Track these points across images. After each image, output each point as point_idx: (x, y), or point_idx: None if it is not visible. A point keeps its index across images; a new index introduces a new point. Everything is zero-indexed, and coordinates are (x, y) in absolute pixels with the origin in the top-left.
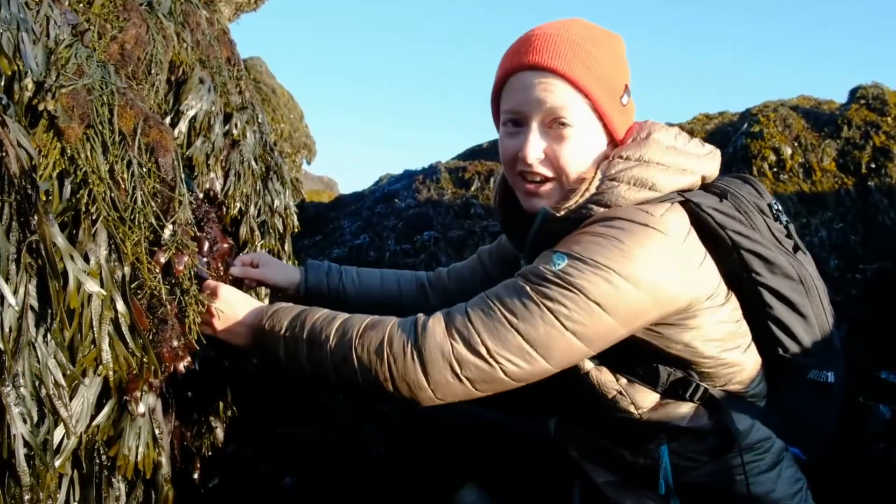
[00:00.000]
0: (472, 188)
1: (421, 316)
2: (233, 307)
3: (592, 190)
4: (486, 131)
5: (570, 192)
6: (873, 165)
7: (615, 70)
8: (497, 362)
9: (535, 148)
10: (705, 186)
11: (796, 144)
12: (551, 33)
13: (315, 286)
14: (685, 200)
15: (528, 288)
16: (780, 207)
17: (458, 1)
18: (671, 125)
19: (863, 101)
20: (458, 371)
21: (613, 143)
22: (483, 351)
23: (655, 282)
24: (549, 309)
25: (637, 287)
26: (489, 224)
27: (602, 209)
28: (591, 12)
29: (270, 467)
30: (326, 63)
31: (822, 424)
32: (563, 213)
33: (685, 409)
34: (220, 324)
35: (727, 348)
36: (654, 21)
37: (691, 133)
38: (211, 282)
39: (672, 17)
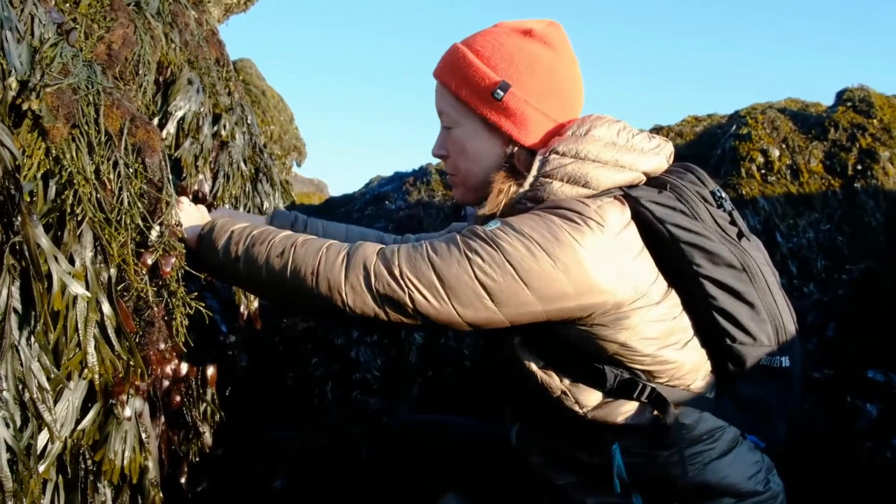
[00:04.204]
0: None
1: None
2: (189, 215)
3: (526, 187)
4: None
5: (480, 187)
6: (859, 167)
7: (486, 65)
8: (407, 287)
9: (435, 145)
10: (649, 180)
11: (784, 146)
12: (451, 46)
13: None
14: (625, 195)
15: (458, 238)
16: (723, 195)
17: (447, 3)
18: (660, 127)
19: (849, 104)
20: (372, 281)
21: (510, 139)
22: (397, 272)
23: (578, 266)
24: (466, 256)
25: (556, 264)
26: None
27: (536, 204)
28: (583, 12)
29: (260, 470)
30: (316, 65)
31: (783, 408)
32: (490, 210)
33: (628, 406)
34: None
35: (664, 345)
36: (648, 22)
37: (680, 135)
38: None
39: (667, 18)
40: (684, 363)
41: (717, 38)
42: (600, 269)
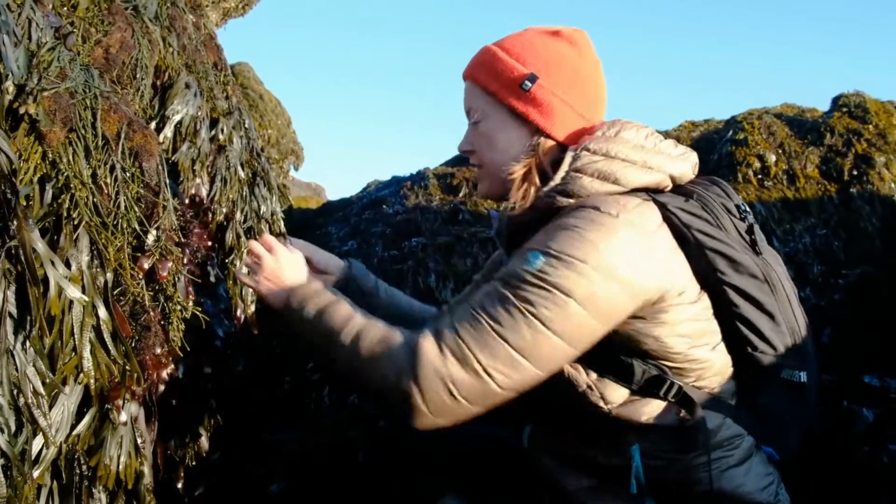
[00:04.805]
0: (461, 194)
1: (416, 337)
2: (281, 268)
3: (557, 181)
4: None
5: (502, 175)
6: (855, 172)
7: (516, 60)
8: (490, 376)
9: (462, 141)
10: (675, 189)
11: (780, 151)
12: (485, 45)
13: (357, 279)
14: (651, 199)
15: (509, 294)
16: (747, 209)
17: (444, 5)
18: (660, 132)
19: (845, 109)
20: (455, 392)
21: (537, 129)
22: (477, 366)
23: (627, 272)
24: (531, 313)
25: (608, 278)
26: (477, 230)
27: (566, 199)
28: (578, 13)
29: (257, 474)
30: (314, 69)
31: (797, 422)
32: (519, 205)
33: (655, 404)
34: (263, 282)
35: (696, 345)
36: (643, 25)
37: (677, 140)
38: (269, 237)
39: (662, 22)
40: (713, 364)
41: (712, 42)
42: (644, 270)
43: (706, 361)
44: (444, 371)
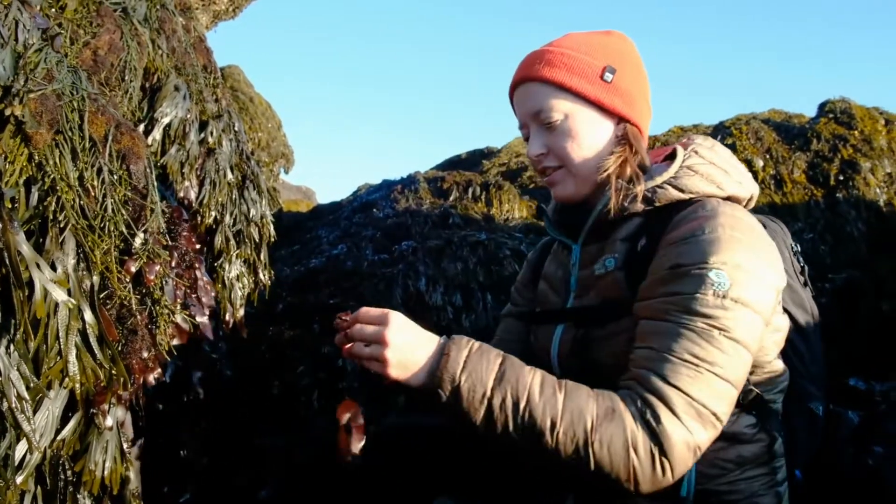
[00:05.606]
0: (451, 198)
1: (647, 410)
2: (408, 345)
3: (672, 173)
4: (464, 142)
5: (588, 173)
6: (841, 177)
7: (586, 55)
8: (721, 421)
9: (534, 146)
10: None
11: (768, 157)
12: (529, 53)
13: None
14: None
15: (708, 327)
16: (799, 249)
17: (438, 11)
18: (649, 137)
19: (831, 115)
20: (699, 452)
21: (621, 118)
22: (712, 419)
23: (774, 269)
24: (733, 339)
25: (768, 278)
26: (468, 234)
27: (677, 193)
28: (566, 15)
29: (245, 479)
30: (306, 72)
31: (805, 451)
32: (618, 201)
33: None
34: (394, 368)
35: (777, 356)
36: (634, 30)
37: (666, 145)
38: (375, 310)
39: (651, 27)
40: (786, 375)
41: (702, 47)
42: (780, 270)
43: (783, 374)
44: (692, 439)
